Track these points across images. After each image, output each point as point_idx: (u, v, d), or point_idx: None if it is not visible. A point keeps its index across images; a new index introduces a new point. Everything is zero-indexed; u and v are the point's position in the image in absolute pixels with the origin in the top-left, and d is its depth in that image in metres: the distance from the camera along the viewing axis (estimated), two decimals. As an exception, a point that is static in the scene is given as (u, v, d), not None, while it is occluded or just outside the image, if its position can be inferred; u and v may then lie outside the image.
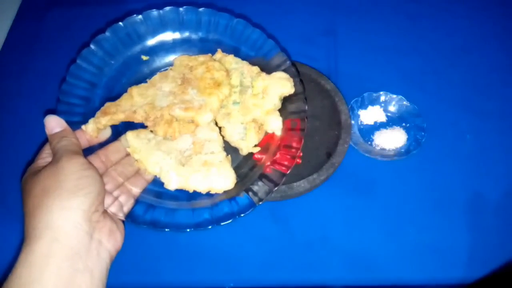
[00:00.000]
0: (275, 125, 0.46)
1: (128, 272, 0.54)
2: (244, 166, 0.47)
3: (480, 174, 0.59)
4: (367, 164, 0.60)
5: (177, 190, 0.43)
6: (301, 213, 0.57)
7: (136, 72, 0.50)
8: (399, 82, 0.67)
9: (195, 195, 0.44)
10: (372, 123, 0.64)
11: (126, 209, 0.41)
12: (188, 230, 0.41)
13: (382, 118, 0.64)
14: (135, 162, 0.44)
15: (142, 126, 0.46)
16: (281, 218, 0.57)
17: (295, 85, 0.47)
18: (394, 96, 0.64)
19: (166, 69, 0.50)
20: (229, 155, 0.46)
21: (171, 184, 0.43)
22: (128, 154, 0.44)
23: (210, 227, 0.41)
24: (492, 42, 0.72)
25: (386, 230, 0.56)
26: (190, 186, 0.43)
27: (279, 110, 0.48)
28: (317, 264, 0.54)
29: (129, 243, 0.55)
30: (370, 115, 0.64)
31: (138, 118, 0.45)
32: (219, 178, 0.43)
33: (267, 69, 0.48)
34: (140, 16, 0.49)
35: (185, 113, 0.44)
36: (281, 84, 0.47)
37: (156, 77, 0.48)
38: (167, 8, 0.49)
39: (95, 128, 0.44)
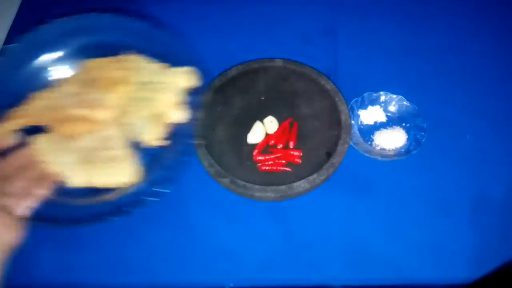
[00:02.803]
0: (178, 117, 0.47)
1: (128, 272, 0.54)
2: (148, 159, 0.48)
3: (480, 174, 0.59)
4: (367, 164, 0.60)
5: (84, 188, 0.44)
6: (301, 213, 0.57)
7: (43, 80, 0.51)
8: (399, 82, 0.67)
9: (102, 190, 0.44)
10: (372, 123, 0.64)
11: (30, 209, 0.42)
12: (94, 222, 0.42)
13: (382, 118, 0.64)
14: (42, 163, 0.45)
15: (48, 129, 0.47)
16: (281, 218, 0.57)
17: (196, 79, 0.49)
18: (394, 96, 0.64)
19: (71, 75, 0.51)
20: (133, 150, 0.47)
21: (76, 182, 0.44)
22: (35, 157, 0.45)
23: (117, 218, 0.42)
24: (492, 42, 0.72)
25: (386, 230, 0.56)
26: (95, 182, 0.44)
27: (183, 103, 0.49)
28: (317, 264, 0.54)
29: (129, 243, 0.56)
30: (370, 115, 0.64)
31: (42, 121, 0.46)
32: (123, 172, 0.45)
33: (171, 65, 0.50)
34: (47, 25, 0.51)
35: (85, 112, 0.46)
36: (183, 78, 0.49)
37: (61, 82, 0.50)
38: (70, 18, 0.53)
39: (1, 133, 0.45)
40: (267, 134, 0.61)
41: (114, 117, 0.47)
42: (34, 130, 0.47)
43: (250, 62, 0.66)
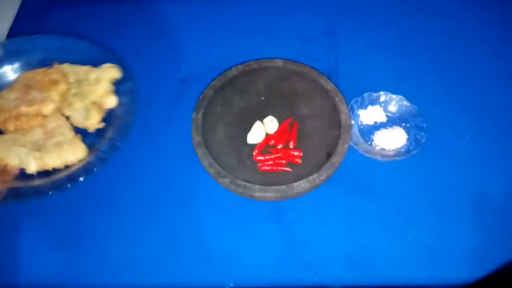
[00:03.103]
0: (111, 102, 0.58)
1: (128, 272, 0.54)
2: (91, 139, 0.58)
3: (480, 174, 0.59)
4: (367, 164, 0.60)
5: (39, 172, 0.54)
6: (301, 213, 0.57)
7: None
8: (399, 82, 0.67)
9: (55, 171, 0.54)
10: (372, 123, 0.64)
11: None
12: (50, 192, 0.52)
13: (382, 118, 0.64)
14: (0, 160, 0.54)
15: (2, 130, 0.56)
16: (281, 218, 0.57)
17: (118, 71, 0.60)
18: (394, 96, 0.64)
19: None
20: (78, 134, 0.57)
21: (31, 168, 0.53)
22: None
23: (68, 185, 0.53)
24: (492, 42, 0.72)
25: (386, 230, 0.56)
26: (48, 165, 0.53)
27: (113, 91, 0.60)
28: (317, 264, 0.54)
29: (129, 243, 0.56)
30: (370, 115, 0.64)
31: None
32: (72, 152, 0.54)
33: (97, 64, 0.61)
34: None
35: (30, 108, 0.55)
36: (109, 72, 0.59)
37: (3, 91, 0.58)
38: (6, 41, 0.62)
39: None
40: (267, 134, 0.61)
41: (58, 110, 0.57)
42: None
43: (250, 62, 0.66)
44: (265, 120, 0.62)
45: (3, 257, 0.54)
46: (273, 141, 0.60)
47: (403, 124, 0.63)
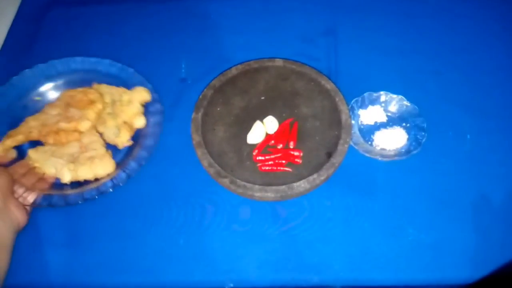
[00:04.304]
0: (140, 122, 0.63)
1: (128, 272, 0.54)
2: (120, 156, 0.63)
3: (481, 174, 0.59)
4: (367, 164, 0.60)
5: (72, 182, 0.58)
6: (301, 213, 0.57)
7: (33, 109, 0.64)
8: (399, 82, 0.67)
9: (86, 182, 0.58)
10: (372, 123, 0.64)
11: (35, 199, 0.56)
12: (79, 202, 0.55)
13: (382, 118, 0.64)
14: (37, 169, 0.58)
15: (40, 144, 0.60)
16: (281, 218, 0.57)
17: (149, 95, 0.64)
18: (395, 96, 0.64)
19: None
20: (110, 150, 0.61)
21: (65, 178, 0.57)
22: (32, 167, 0.58)
23: (96, 197, 0.56)
24: (492, 42, 0.72)
25: (386, 230, 0.56)
26: (80, 176, 0.58)
27: (142, 113, 0.64)
28: (317, 264, 0.54)
29: (129, 243, 0.56)
30: (371, 115, 0.64)
31: (34, 136, 0.60)
32: (102, 166, 0.58)
33: (131, 88, 0.65)
34: (31, 70, 0.66)
35: (69, 124, 0.60)
36: (140, 94, 0.64)
37: (46, 106, 0.63)
38: (45, 64, 0.67)
39: (2, 149, 0.58)
40: (267, 134, 0.61)
41: (93, 126, 0.62)
42: (31, 146, 0.60)
43: (250, 62, 0.66)
44: (265, 120, 0.62)
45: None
46: (273, 141, 0.60)
47: (403, 124, 0.63)
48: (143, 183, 0.60)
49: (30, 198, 0.55)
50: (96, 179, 0.58)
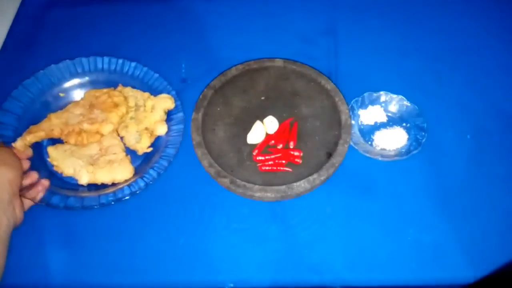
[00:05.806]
0: (162, 130, 0.62)
1: (128, 272, 0.54)
2: (139, 161, 0.62)
3: (481, 174, 0.59)
4: (367, 164, 0.60)
5: (89, 184, 0.58)
6: (301, 213, 0.57)
7: (55, 105, 0.64)
8: (399, 82, 0.67)
9: (103, 186, 0.58)
10: (372, 123, 0.64)
11: (40, 196, 0.55)
12: (95, 207, 0.55)
13: (382, 118, 0.64)
14: (54, 167, 0.58)
15: (60, 142, 0.60)
16: (281, 218, 0.57)
17: (173, 102, 0.64)
18: (395, 96, 0.64)
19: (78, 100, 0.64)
20: (129, 155, 0.60)
21: (83, 179, 0.57)
22: (36, 181, 0.56)
23: (113, 203, 0.55)
24: (492, 42, 0.72)
25: (386, 230, 0.56)
26: (98, 179, 0.57)
27: (165, 120, 0.63)
28: (317, 265, 0.54)
29: (129, 244, 0.56)
30: (371, 115, 0.64)
31: (55, 134, 0.60)
32: (120, 171, 0.57)
33: (154, 93, 0.65)
34: (57, 65, 0.65)
35: (91, 126, 0.59)
36: (164, 102, 0.63)
37: (70, 105, 0.63)
38: (72, 61, 0.66)
39: (23, 144, 0.58)
40: (267, 134, 0.61)
41: (114, 130, 0.61)
42: (51, 143, 0.60)
43: (250, 62, 0.66)
44: (265, 120, 0.62)
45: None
46: (273, 141, 0.60)
47: (404, 124, 0.63)
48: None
49: (37, 195, 0.55)
50: (113, 184, 0.58)
